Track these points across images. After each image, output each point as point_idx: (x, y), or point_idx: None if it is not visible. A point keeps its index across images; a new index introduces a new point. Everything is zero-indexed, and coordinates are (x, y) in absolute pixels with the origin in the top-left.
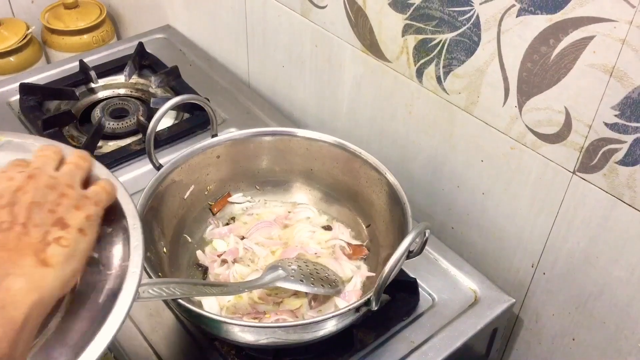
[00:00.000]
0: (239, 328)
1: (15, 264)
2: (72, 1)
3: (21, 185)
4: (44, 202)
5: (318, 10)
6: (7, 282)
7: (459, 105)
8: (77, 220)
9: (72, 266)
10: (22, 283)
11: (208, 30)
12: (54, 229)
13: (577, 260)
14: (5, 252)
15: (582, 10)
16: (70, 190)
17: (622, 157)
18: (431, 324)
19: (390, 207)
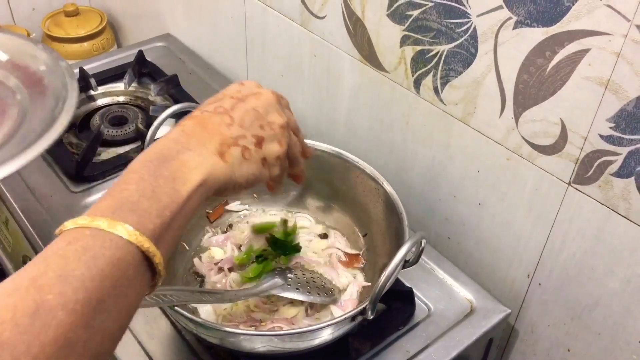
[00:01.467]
0: (236, 336)
1: (201, 143)
2: (73, 9)
3: (258, 92)
4: (262, 116)
5: (317, 20)
6: (187, 155)
7: (456, 116)
8: (268, 151)
9: (238, 176)
10: (197, 163)
11: (208, 39)
12: (250, 139)
13: (572, 271)
14: (202, 129)
15: (577, 23)
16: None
17: (617, 169)
18: (427, 333)
19: (387, 216)
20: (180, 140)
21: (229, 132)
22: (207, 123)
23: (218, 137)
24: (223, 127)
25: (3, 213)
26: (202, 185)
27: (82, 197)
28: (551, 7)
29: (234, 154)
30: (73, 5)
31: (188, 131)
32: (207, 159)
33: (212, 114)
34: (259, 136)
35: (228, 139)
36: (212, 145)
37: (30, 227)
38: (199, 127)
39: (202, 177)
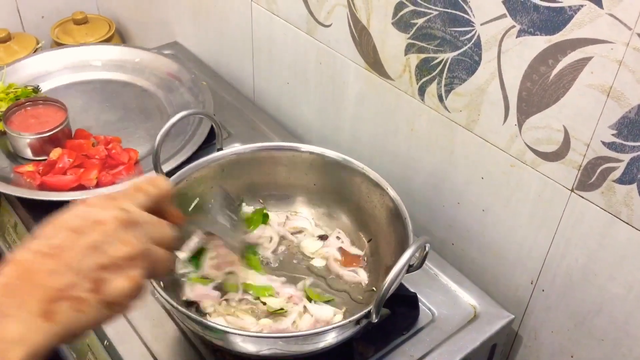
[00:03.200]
0: (241, 338)
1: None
2: (81, 17)
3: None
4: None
5: (323, 28)
6: (5, 325)
7: (460, 123)
8: (112, 292)
9: (75, 330)
10: (18, 334)
11: (215, 47)
12: (84, 285)
13: (575, 277)
14: (24, 281)
15: (580, 32)
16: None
17: (619, 176)
18: (431, 338)
19: (392, 222)
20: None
21: (55, 282)
22: (30, 273)
23: (41, 293)
24: (47, 277)
25: (12, 217)
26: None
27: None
28: (554, 16)
29: (63, 311)
30: (82, 13)
31: (8, 287)
32: (30, 325)
33: (38, 259)
34: (97, 279)
35: (53, 294)
36: (34, 304)
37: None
38: (19, 280)
39: (25, 350)
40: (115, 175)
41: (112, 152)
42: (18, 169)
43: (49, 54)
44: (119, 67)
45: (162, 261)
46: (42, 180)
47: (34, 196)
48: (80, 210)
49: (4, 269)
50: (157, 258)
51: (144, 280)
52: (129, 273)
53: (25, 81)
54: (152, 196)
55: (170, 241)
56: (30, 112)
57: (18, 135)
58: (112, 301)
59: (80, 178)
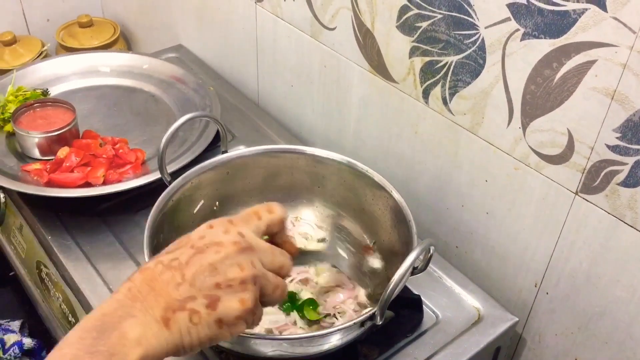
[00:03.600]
0: (246, 340)
1: (145, 308)
2: (86, 20)
3: (219, 242)
4: (220, 272)
5: (327, 31)
6: (128, 324)
7: (464, 126)
8: (224, 312)
9: (187, 342)
10: (137, 332)
11: (219, 50)
12: (201, 300)
13: (579, 280)
14: (150, 289)
15: (584, 35)
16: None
17: (623, 179)
18: (435, 341)
19: (396, 224)
20: (125, 304)
21: (177, 293)
22: (156, 281)
23: (164, 301)
24: (171, 288)
25: (17, 219)
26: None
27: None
28: (558, 19)
29: (179, 321)
30: (87, 17)
31: (134, 291)
32: (150, 328)
33: (163, 269)
34: (213, 296)
35: (174, 303)
36: (157, 310)
37: (45, 232)
38: (146, 286)
39: (142, 351)
40: (122, 174)
41: (120, 151)
42: (25, 167)
43: (57, 59)
44: (127, 73)
45: (273, 287)
46: (50, 177)
47: (41, 192)
48: (204, 232)
49: (134, 275)
50: (269, 284)
51: (255, 304)
52: (241, 295)
53: (34, 85)
54: (267, 222)
55: (284, 268)
56: (39, 112)
57: (26, 134)
58: (223, 319)
59: (87, 176)
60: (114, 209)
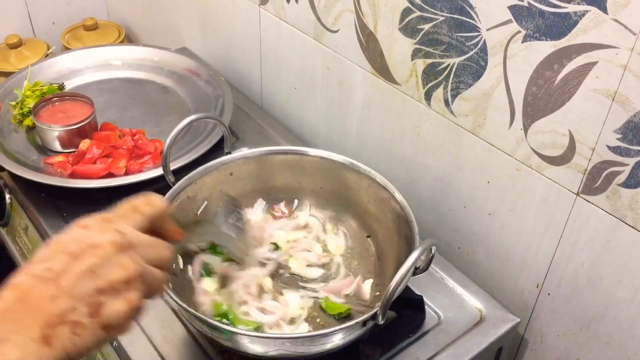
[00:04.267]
0: (248, 339)
1: (20, 329)
2: (92, 23)
3: (95, 244)
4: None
5: (330, 34)
6: (2, 350)
7: (466, 127)
8: (110, 316)
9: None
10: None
11: (222, 52)
12: (82, 309)
13: (581, 281)
14: (23, 306)
15: (585, 37)
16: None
17: (624, 180)
18: (437, 341)
19: (398, 225)
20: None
21: (54, 308)
22: (29, 298)
23: (40, 318)
24: (47, 302)
25: (22, 219)
26: None
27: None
28: (559, 21)
29: (61, 336)
30: (92, 20)
31: (7, 312)
32: (29, 349)
33: (36, 283)
34: (95, 303)
35: (52, 319)
36: (34, 330)
37: (50, 233)
38: (19, 304)
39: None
40: (142, 164)
41: (139, 142)
42: (48, 160)
43: (70, 54)
44: (139, 65)
45: (158, 282)
46: (73, 169)
47: (67, 184)
48: (77, 234)
49: (3, 293)
50: (153, 279)
51: (141, 302)
52: (126, 296)
53: (50, 80)
54: (148, 215)
55: (166, 262)
56: (58, 107)
57: (48, 127)
58: (109, 324)
59: (110, 167)
60: None
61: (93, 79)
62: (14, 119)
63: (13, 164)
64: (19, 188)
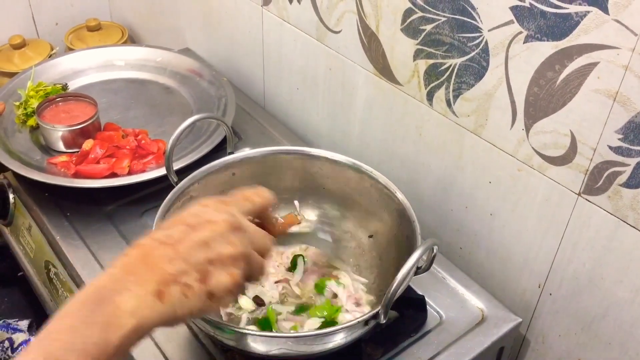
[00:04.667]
0: (251, 338)
1: (139, 282)
2: (95, 24)
3: (212, 220)
4: (212, 247)
5: (333, 35)
6: (123, 297)
7: (468, 128)
8: (215, 285)
9: (179, 314)
10: (131, 305)
11: (225, 53)
12: (193, 274)
13: (582, 281)
14: (143, 264)
15: (586, 37)
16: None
17: (626, 180)
18: (438, 341)
19: (400, 225)
20: (119, 278)
21: (170, 268)
22: (150, 257)
23: (157, 275)
24: (165, 263)
25: (26, 219)
26: (137, 330)
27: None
28: (560, 22)
29: (173, 294)
30: (95, 20)
31: (129, 266)
32: (144, 301)
33: (157, 245)
34: (205, 270)
35: (167, 277)
36: (151, 284)
37: (53, 233)
38: (140, 261)
39: (136, 322)
40: (145, 164)
41: (142, 142)
42: (51, 160)
43: (74, 55)
44: (142, 66)
45: (258, 266)
46: (77, 169)
47: (70, 184)
48: (197, 210)
49: (129, 250)
50: (254, 262)
51: (243, 279)
52: (231, 270)
53: (53, 80)
54: (257, 205)
55: (267, 249)
56: (62, 107)
57: (52, 128)
58: (213, 292)
59: (113, 167)
60: (121, 209)
61: (96, 79)
62: (18, 119)
63: (17, 163)
64: (23, 188)
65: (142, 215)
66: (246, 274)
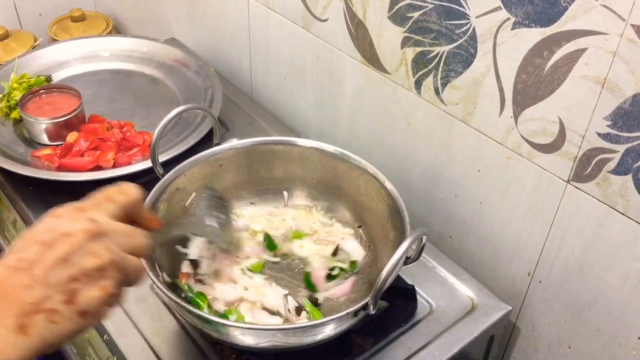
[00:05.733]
0: (240, 331)
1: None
2: (79, 14)
3: (68, 233)
4: (74, 263)
5: (319, 23)
6: None
7: (456, 116)
8: (86, 302)
9: (51, 342)
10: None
11: (212, 43)
12: (57, 297)
13: (572, 268)
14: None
15: (574, 23)
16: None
17: (614, 167)
18: (429, 330)
19: (389, 215)
20: None
21: (28, 296)
22: (4, 287)
23: (16, 307)
24: (21, 292)
25: (11, 213)
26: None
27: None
28: (548, 8)
29: (37, 324)
30: (79, 11)
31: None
32: (5, 339)
33: (10, 274)
34: (70, 290)
35: (27, 307)
36: (10, 319)
37: None
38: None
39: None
40: (131, 156)
41: (127, 134)
42: (35, 153)
43: (58, 46)
44: (127, 57)
45: (133, 269)
46: (61, 162)
47: (54, 177)
48: (49, 223)
49: None
50: (128, 266)
51: (117, 289)
52: (101, 283)
53: (37, 72)
54: (121, 204)
55: (142, 249)
56: (45, 99)
57: (35, 120)
58: (85, 310)
59: (97, 159)
60: None
61: (81, 70)
62: (1, 111)
63: (0, 157)
64: (7, 181)
65: None
66: (121, 281)
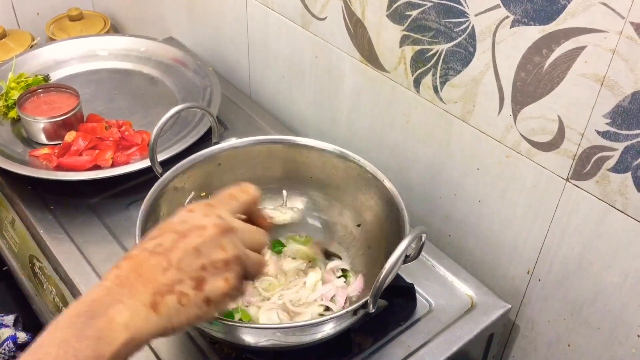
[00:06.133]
0: (239, 330)
1: (133, 294)
2: (77, 13)
3: (201, 226)
4: (204, 254)
5: (318, 22)
6: (116, 310)
7: (455, 114)
8: (211, 291)
9: (176, 323)
10: (126, 318)
11: (210, 42)
12: (189, 282)
13: (571, 266)
14: (137, 275)
15: (573, 21)
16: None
17: (614, 165)
18: (428, 329)
19: (388, 214)
20: (112, 291)
21: (164, 278)
22: (142, 268)
23: (152, 286)
24: (158, 273)
25: (9, 213)
26: (130, 343)
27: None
28: (547, 6)
29: (168, 304)
30: (77, 10)
31: (122, 278)
32: (138, 313)
33: (148, 256)
34: (199, 277)
35: (162, 287)
36: (145, 296)
37: (37, 226)
38: (133, 273)
39: (129, 335)
40: (129, 155)
41: (125, 134)
42: (33, 152)
43: (56, 45)
44: (125, 56)
45: (254, 264)
46: (59, 162)
47: (52, 177)
48: (184, 216)
49: (120, 262)
50: (250, 261)
51: (239, 282)
52: (225, 275)
53: (35, 71)
54: (243, 202)
55: (262, 245)
56: (43, 98)
57: (33, 120)
58: (210, 298)
59: (96, 159)
60: (106, 201)
61: (79, 70)
62: None
63: None
64: (5, 181)
65: (127, 207)
66: (243, 275)
